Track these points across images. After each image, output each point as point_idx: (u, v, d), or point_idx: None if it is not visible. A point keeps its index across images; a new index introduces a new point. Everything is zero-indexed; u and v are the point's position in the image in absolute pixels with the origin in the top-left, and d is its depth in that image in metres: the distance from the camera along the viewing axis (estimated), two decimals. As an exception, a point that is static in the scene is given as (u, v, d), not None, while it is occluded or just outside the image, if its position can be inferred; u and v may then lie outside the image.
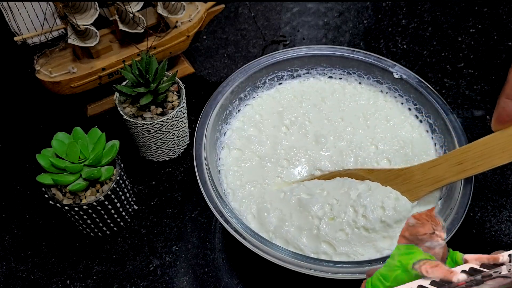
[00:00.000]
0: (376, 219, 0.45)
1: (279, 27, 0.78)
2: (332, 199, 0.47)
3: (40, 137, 0.63)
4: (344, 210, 0.46)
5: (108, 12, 0.59)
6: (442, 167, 0.46)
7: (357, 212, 0.46)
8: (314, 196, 0.48)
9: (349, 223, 0.46)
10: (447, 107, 0.52)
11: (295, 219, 0.47)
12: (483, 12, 0.79)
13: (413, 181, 0.47)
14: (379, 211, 0.46)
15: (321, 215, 0.46)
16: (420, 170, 0.47)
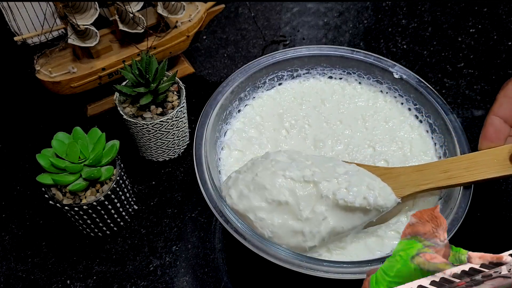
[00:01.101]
0: (359, 194, 0.43)
1: (279, 27, 0.78)
2: (315, 168, 0.45)
3: (40, 137, 0.63)
4: (327, 179, 0.44)
5: (108, 12, 0.59)
6: (427, 172, 0.47)
7: (340, 185, 0.44)
8: (295, 161, 0.46)
9: (328, 194, 0.43)
10: (447, 107, 0.52)
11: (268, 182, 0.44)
12: (483, 12, 0.79)
13: (398, 181, 0.47)
14: (363, 189, 0.44)
15: (298, 176, 0.44)
16: (405, 172, 0.47)
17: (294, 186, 0.44)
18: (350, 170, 0.46)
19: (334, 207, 0.43)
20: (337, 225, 0.44)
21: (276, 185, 0.43)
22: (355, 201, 0.43)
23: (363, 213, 0.44)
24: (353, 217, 0.44)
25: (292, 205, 0.43)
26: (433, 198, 0.49)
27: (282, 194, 0.43)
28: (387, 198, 0.44)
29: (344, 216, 0.44)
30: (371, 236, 0.46)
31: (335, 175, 0.45)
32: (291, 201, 0.43)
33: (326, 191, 0.43)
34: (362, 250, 0.46)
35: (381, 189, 0.45)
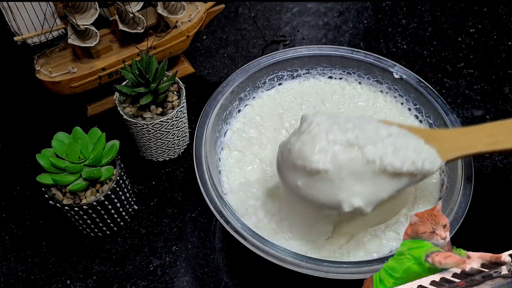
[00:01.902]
0: (407, 159, 0.41)
1: (279, 27, 0.78)
2: (358, 131, 0.41)
3: (40, 137, 0.63)
4: (372, 142, 0.41)
5: (108, 12, 0.59)
6: (473, 136, 0.45)
7: (386, 148, 0.41)
8: (336, 123, 0.42)
9: (375, 159, 0.40)
10: (447, 107, 0.52)
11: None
12: (483, 12, 0.79)
13: (442, 144, 0.44)
14: (410, 153, 0.41)
15: (340, 140, 0.40)
16: (450, 135, 0.45)
17: (336, 152, 0.40)
18: (393, 132, 0.43)
19: (380, 173, 0.41)
20: (380, 191, 0.41)
21: (316, 150, 0.40)
22: (403, 166, 0.40)
23: (409, 177, 0.42)
24: (398, 182, 0.41)
25: (332, 173, 0.40)
26: (433, 198, 0.49)
27: (321, 163, 0.40)
28: (433, 161, 0.42)
29: (389, 182, 0.41)
30: (369, 236, 0.46)
31: (379, 138, 0.42)
32: (330, 170, 0.40)
33: (372, 155, 0.40)
34: (359, 250, 0.46)
35: (427, 152, 0.42)
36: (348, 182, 0.40)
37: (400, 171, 0.40)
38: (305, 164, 0.40)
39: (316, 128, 0.41)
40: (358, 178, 0.40)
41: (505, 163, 0.59)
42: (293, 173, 0.42)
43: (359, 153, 0.40)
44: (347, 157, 0.40)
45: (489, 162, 0.59)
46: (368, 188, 0.41)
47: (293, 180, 0.42)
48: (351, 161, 0.40)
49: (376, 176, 0.41)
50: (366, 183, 0.41)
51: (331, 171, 0.40)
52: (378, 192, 0.41)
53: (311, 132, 0.41)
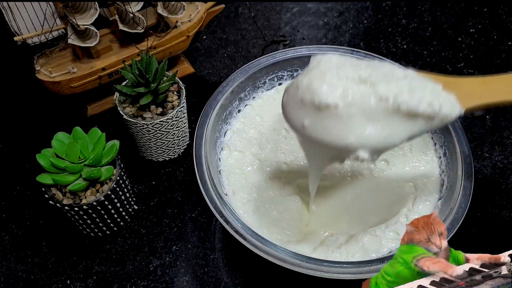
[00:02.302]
0: (423, 100, 0.38)
1: (279, 27, 0.78)
2: (372, 70, 0.39)
3: (40, 137, 0.63)
4: (386, 80, 0.38)
5: (108, 12, 0.59)
6: (495, 85, 0.43)
7: (401, 87, 0.38)
8: (349, 62, 0.40)
9: (388, 96, 0.37)
10: (447, 107, 0.52)
11: None
12: (483, 12, 0.79)
13: (462, 92, 0.41)
14: (427, 94, 0.38)
15: (353, 76, 0.38)
16: (470, 83, 0.43)
17: (347, 87, 0.37)
18: (410, 75, 0.40)
19: (393, 113, 0.38)
20: (392, 135, 0.38)
21: (326, 84, 0.37)
22: (419, 106, 0.38)
23: (425, 121, 0.39)
24: (412, 126, 0.39)
25: (342, 109, 0.37)
26: (433, 198, 0.49)
27: (331, 96, 0.37)
28: (452, 106, 0.39)
29: (403, 125, 0.38)
30: (368, 236, 0.46)
31: (394, 78, 0.39)
32: (340, 105, 0.37)
33: (385, 92, 0.37)
34: (358, 250, 0.46)
35: (446, 96, 0.40)
36: (359, 121, 0.37)
37: (415, 111, 0.38)
38: (313, 98, 0.37)
39: (327, 64, 0.39)
40: (369, 117, 0.37)
41: (505, 163, 0.59)
42: (300, 111, 0.39)
43: (371, 90, 0.38)
44: (359, 93, 0.37)
45: (489, 162, 0.59)
46: (379, 129, 0.38)
47: (300, 119, 0.39)
48: (362, 98, 0.37)
49: (389, 116, 0.38)
50: (378, 123, 0.38)
51: (341, 106, 0.37)
52: (389, 136, 0.38)
53: (320, 68, 0.39)
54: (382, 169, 0.52)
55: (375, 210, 0.50)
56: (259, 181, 0.51)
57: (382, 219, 0.48)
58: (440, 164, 0.52)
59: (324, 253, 0.46)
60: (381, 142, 0.38)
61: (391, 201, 0.50)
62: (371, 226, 0.47)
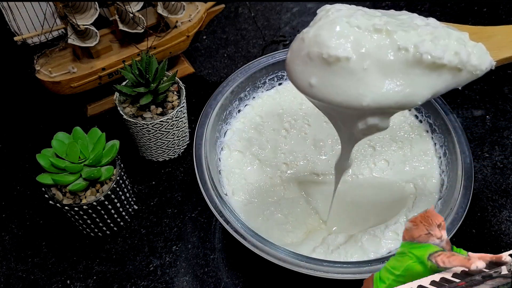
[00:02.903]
0: (449, 49, 0.33)
1: (279, 27, 0.78)
2: (388, 18, 0.34)
3: (40, 137, 0.63)
4: (404, 29, 0.33)
5: (108, 12, 0.59)
6: None
7: (422, 36, 0.33)
8: (361, 10, 0.35)
9: (407, 46, 0.33)
10: (447, 107, 0.52)
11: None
12: (483, 12, 0.79)
13: (492, 41, 0.37)
14: (453, 43, 0.34)
15: (366, 24, 0.33)
16: (501, 32, 0.38)
17: (359, 37, 0.33)
18: (432, 23, 0.35)
19: (414, 65, 0.33)
20: (414, 92, 0.34)
21: (335, 35, 0.33)
22: (444, 56, 0.33)
23: (452, 75, 0.34)
24: (437, 80, 0.34)
25: (354, 62, 0.33)
26: (433, 198, 0.49)
27: (342, 48, 0.33)
28: (482, 57, 0.34)
29: (426, 78, 0.34)
30: (367, 236, 0.46)
31: (414, 26, 0.34)
32: (353, 57, 0.33)
33: (404, 42, 0.33)
34: (357, 250, 0.46)
35: (474, 46, 0.34)
36: (375, 76, 0.33)
37: (441, 62, 0.33)
38: (322, 51, 0.33)
39: (336, 13, 0.34)
40: (387, 71, 0.33)
41: (505, 163, 0.59)
42: (307, 67, 0.34)
43: (388, 40, 0.33)
44: (373, 43, 0.33)
45: (489, 162, 0.59)
46: (399, 85, 0.33)
47: (306, 77, 0.34)
48: (378, 49, 0.33)
49: (410, 69, 0.33)
50: (397, 78, 0.33)
51: (353, 59, 0.33)
52: (411, 93, 0.33)
53: (329, 17, 0.34)
54: (382, 169, 0.52)
55: (375, 210, 0.50)
56: (259, 181, 0.51)
57: (382, 219, 0.48)
58: (440, 164, 0.52)
59: (323, 253, 0.46)
60: (401, 101, 0.34)
61: (391, 201, 0.50)
62: (371, 226, 0.47)
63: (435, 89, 0.34)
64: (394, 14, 0.36)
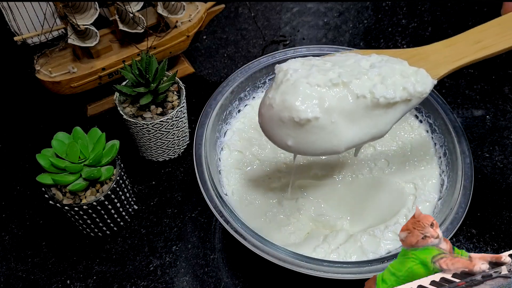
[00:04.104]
0: (397, 87, 0.38)
1: (279, 27, 0.78)
2: (339, 69, 0.39)
3: (40, 137, 0.63)
4: (356, 76, 0.38)
5: (108, 12, 0.59)
6: (459, 46, 0.42)
7: (373, 80, 0.38)
8: (314, 66, 0.39)
9: (364, 93, 0.37)
10: (447, 106, 0.52)
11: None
12: (483, 12, 0.79)
13: (429, 61, 0.41)
14: (398, 78, 0.39)
15: (324, 81, 0.37)
16: (435, 50, 0.42)
17: (321, 95, 0.37)
18: (375, 62, 0.40)
19: (373, 107, 0.38)
20: (378, 127, 0.39)
21: (300, 98, 0.37)
22: (396, 95, 0.38)
23: (405, 105, 0.39)
24: (395, 112, 0.39)
25: (323, 118, 0.37)
26: (433, 198, 0.49)
27: (309, 110, 0.37)
28: (424, 82, 0.40)
29: (385, 115, 0.39)
30: (366, 236, 0.46)
31: (363, 71, 0.39)
32: (320, 115, 0.37)
33: (360, 90, 0.37)
34: (356, 250, 0.46)
35: (416, 73, 0.40)
36: (342, 124, 0.38)
37: (394, 100, 0.38)
38: (292, 115, 0.37)
39: (294, 74, 0.38)
40: (352, 118, 0.38)
41: (505, 163, 0.59)
42: (281, 130, 0.38)
43: (346, 91, 0.37)
44: (335, 97, 0.37)
45: (489, 162, 0.59)
46: (364, 127, 0.38)
47: (283, 140, 0.38)
48: (340, 101, 0.37)
49: (370, 111, 0.38)
50: (362, 121, 0.38)
51: (322, 117, 0.37)
52: (375, 129, 0.39)
53: (289, 80, 0.38)
54: (382, 168, 0.52)
55: (375, 209, 0.50)
56: (259, 181, 0.51)
57: (382, 219, 0.48)
58: (440, 164, 0.52)
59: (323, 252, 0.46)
60: (369, 137, 0.39)
61: (391, 201, 0.50)
62: (371, 226, 0.47)
63: (395, 120, 0.40)
64: (341, 60, 0.41)
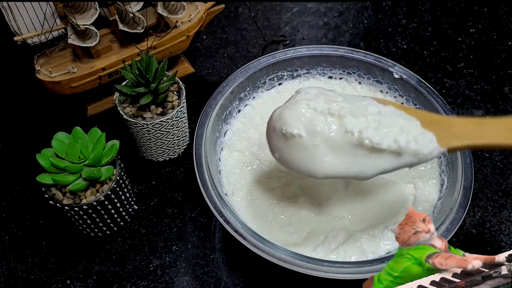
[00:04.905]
0: (389, 136, 0.39)
1: (279, 27, 0.78)
2: (346, 104, 0.40)
3: (40, 137, 0.63)
4: (355, 115, 0.39)
5: (108, 12, 0.59)
6: (489, 127, 0.41)
7: (369, 123, 0.39)
8: (325, 94, 0.41)
9: (353, 130, 0.39)
10: (447, 107, 0.52)
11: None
12: (483, 12, 0.79)
13: (449, 130, 0.41)
14: (395, 131, 0.40)
15: (323, 108, 0.40)
16: (460, 123, 0.42)
17: (313, 118, 0.39)
18: (384, 111, 0.41)
19: (357, 147, 0.39)
20: (357, 167, 0.40)
21: (294, 114, 0.40)
22: (382, 142, 0.39)
23: (393, 156, 0.40)
24: (380, 160, 0.40)
25: (306, 138, 0.39)
26: (433, 199, 0.49)
27: (296, 126, 0.40)
28: (424, 144, 0.39)
29: (367, 159, 0.39)
30: (366, 236, 0.46)
31: (365, 113, 0.40)
32: (304, 134, 0.39)
33: (351, 126, 0.39)
34: (356, 250, 0.46)
35: (418, 134, 0.40)
36: (323, 151, 0.39)
37: (379, 147, 0.39)
38: (282, 127, 0.40)
39: (303, 95, 0.41)
40: (335, 149, 0.39)
41: (505, 163, 0.59)
42: (273, 140, 0.42)
43: (338, 123, 0.39)
44: (325, 125, 0.39)
45: (489, 162, 0.59)
46: (341, 160, 0.39)
47: (273, 150, 0.42)
48: (328, 129, 0.39)
49: (353, 149, 0.39)
50: (341, 154, 0.39)
51: (305, 137, 0.39)
52: (353, 168, 0.40)
53: (295, 98, 0.42)
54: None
55: (375, 210, 0.50)
56: (259, 181, 0.51)
57: (382, 219, 0.48)
58: (440, 164, 0.52)
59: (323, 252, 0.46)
60: (348, 174, 0.40)
61: (391, 201, 0.50)
62: (371, 226, 0.47)
63: (380, 168, 0.40)
64: (356, 100, 0.42)
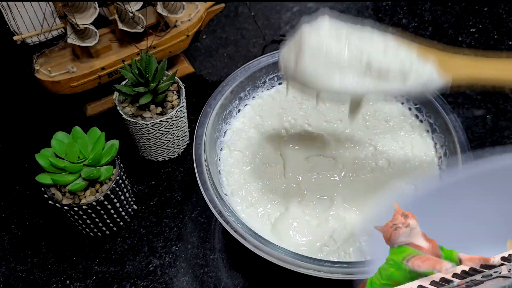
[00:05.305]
0: (395, 58, 0.41)
1: (279, 27, 0.77)
2: (347, 35, 0.42)
3: (40, 137, 0.63)
4: (361, 38, 0.41)
5: (108, 12, 0.59)
6: (489, 62, 0.41)
7: (374, 47, 0.41)
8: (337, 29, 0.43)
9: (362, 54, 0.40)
10: (448, 106, 0.52)
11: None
12: (484, 11, 0.79)
13: (449, 63, 0.41)
14: (402, 53, 0.42)
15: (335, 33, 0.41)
16: (461, 57, 0.42)
17: (323, 34, 0.41)
18: (388, 39, 0.43)
19: (365, 67, 0.41)
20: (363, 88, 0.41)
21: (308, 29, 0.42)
22: (390, 67, 0.40)
23: (400, 82, 0.41)
24: (386, 84, 0.41)
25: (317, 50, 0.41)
26: (433, 198, 0.49)
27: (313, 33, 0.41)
28: (428, 69, 0.41)
29: (373, 80, 0.41)
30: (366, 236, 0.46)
31: (371, 39, 0.42)
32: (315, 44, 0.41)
33: (357, 48, 0.41)
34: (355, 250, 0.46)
35: (422, 63, 0.41)
36: (331, 68, 0.40)
37: (387, 67, 0.40)
38: (299, 36, 0.41)
39: (319, 22, 0.43)
40: (341, 67, 0.40)
41: (505, 163, 0.59)
42: (291, 52, 0.42)
43: (345, 43, 0.41)
44: (333, 43, 0.41)
45: (489, 162, 0.59)
46: (349, 78, 0.40)
47: (291, 59, 0.42)
48: (336, 49, 0.40)
49: (360, 70, 0.40)
50: (348, 72, 0.40)
51: (316, 48, 0.40)
52: (358, 84, 0.40)
53: (313, 25, 0.42)
54: (383, 168, 0.52)
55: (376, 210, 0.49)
56: (259, 181, 0.51)
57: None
58: (441, 164, 0.52)
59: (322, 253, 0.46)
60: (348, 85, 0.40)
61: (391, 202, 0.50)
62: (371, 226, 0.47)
63: (385, 87, 0.41)
64: (360, 29, 0.43)
